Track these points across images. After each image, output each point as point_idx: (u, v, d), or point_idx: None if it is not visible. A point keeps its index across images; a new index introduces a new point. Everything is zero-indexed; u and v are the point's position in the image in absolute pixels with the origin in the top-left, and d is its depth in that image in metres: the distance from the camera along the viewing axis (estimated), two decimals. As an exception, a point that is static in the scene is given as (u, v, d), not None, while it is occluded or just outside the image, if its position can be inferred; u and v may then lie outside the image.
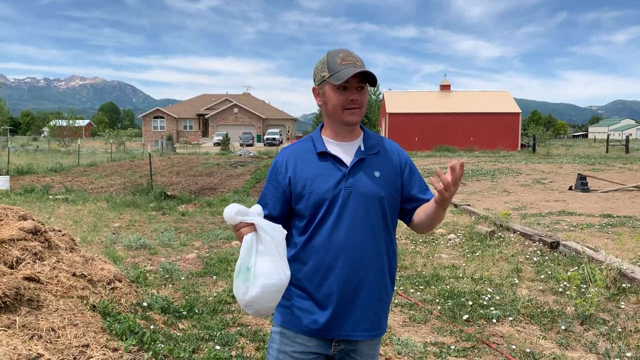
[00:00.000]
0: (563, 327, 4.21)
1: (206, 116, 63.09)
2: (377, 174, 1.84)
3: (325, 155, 1.85)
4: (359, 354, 1.89)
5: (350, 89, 1.79)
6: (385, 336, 3.93)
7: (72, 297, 3.37)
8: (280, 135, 55.29)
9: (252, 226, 1.70)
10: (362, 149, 1.87)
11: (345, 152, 1.86)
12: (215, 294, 4.95)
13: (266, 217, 1.88)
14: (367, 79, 1.79)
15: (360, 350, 1.88)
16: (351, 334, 1.83)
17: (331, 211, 1.80)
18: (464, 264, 6.30)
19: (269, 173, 1.95)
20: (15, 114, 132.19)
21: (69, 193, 12.94)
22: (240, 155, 34.73)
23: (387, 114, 48.61)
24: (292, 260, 1.86)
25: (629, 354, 3.70)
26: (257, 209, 1.75)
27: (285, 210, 1.91)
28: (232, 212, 1.68)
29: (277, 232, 1.71)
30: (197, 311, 4.43)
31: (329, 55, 1.82)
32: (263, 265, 1.67)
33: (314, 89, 1.90)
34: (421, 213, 1.88)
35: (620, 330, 4.14)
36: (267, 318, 4.38)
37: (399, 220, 1.98)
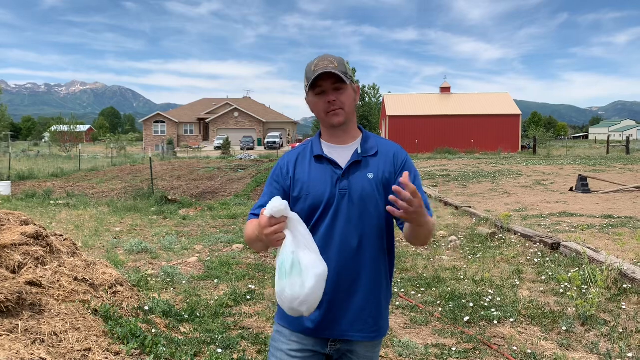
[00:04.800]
0: (564, 328, 4.21)
1: (207, 120, 63.16)
2: (370, 175, 1.84)
3: (321, 159, 1.87)
4: (356, 355, 1.89)
5: (327, 92, 1.81)
6: (386, 338, 3.94)
7: (74, 301, 3.38)
8: (281, 138, 55.33)
9: (285, 221, 1.64)
10: (359, 151, 1.87)
11: (342, 155, 1.87)
12: (216, 298, 4.96)
13: (256, 215, 1.90)
14: (339, 78, 1.78)
15: (357, 352, 1.89)
16: (345, 334, 1.84)
17: (327, 213, 1.82)
18: (465, 266, 6.30)
19: (270, 175, 1.97)
20: (17, 119, 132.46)
21: (70, 198, 12.96)
22: (241, 159, 34.77)
23: (387, 116, 48.65)
24: None
25: (630, 355, 3.70)
26: (283, 201, 1.65)
27: None
28: (283, 206, 1.60)
29: (302, 222, 1.67)
30: (198, 315, 4.43)
31: (307, 66, 1.85)
32: (308, 257, 1.63)
33: (306, 100, 1.93)
34: (407, 225, 1.80)
35: (621, 330, 4.14)
36: (267, 321, 4.40)
37: None
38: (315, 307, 1.67)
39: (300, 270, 1.61)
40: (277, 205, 1.59)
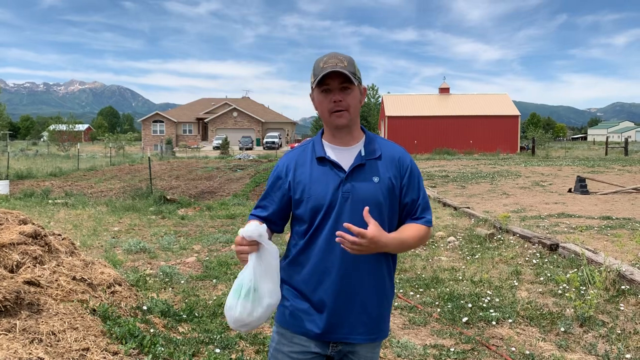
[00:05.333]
0: (562, 329, 4.21)
1: (205, 120, 63.13)
2: (375, 179, 1.81)
3: (323, 161, 1.84)
4: (357, 356, 1.89)
5: (333, 91, 1.78)
6: (385, 338, 3.94)
7: (72, 300, 3.38)
8: (280, 138, 55.33)
9: (256, 246, 1.71)
10: (363, 153, 1.84)
11: (345, 157, 1.84)
12: (215, 297, 4.95)
13: (264, 219, 1.91)
14: (347, 78, 1.76)
15: (358, 353, 1.89)
16: (347, 337, 1.84)
17: (329, 216, 1.80)
18: (463, 267, 6.31)
19: (270, 177, 1.96)
20: (15, 118, 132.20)
21: (68, 197, 12.94)
22: (240, 159, 34.75)
23: (386, 117, 48.67)
24: (291, 263, 1.88)
25: (628, 356, 3.70)
26: (262, 228, 1.73)
27: (282, 214, 1.93)
28: (256, 233, 1.68)
29: (276, 253, 1.75)
30: (197, 314, 4.43)
31: (315, 62, 1.82)
32: (266, 285, 1.72)
33: (310, 96, 1.91)
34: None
35: (619, 332, 4.14)
36: (267, 321, 4.39)
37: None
38: (253, 329, 1.80)
39: (253, 298, 1.70)
40: (251, 230, 1.68)
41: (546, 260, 6.40)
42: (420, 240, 1.86)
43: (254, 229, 1.68)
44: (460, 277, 5.81)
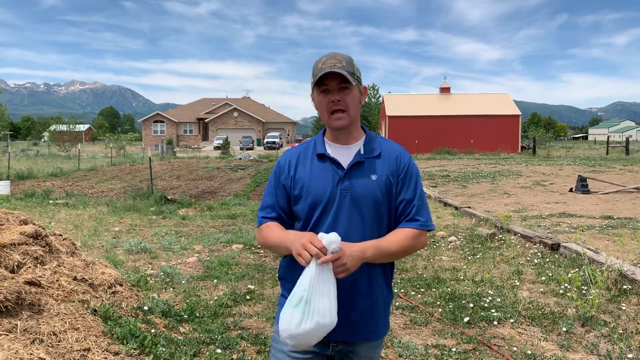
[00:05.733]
0: (564, 329, 4.20)
1: (206, 120, 63.14)
2: (374, 177, 1.82)
3: (323, 158, 1.85)
4: (357, 355, 1.89)
5: (332, 91, 1.78)
6: (386, 339, 3.93)
7: (73, 301, 3.37)
8: (280, 138, 55.33)
9: (321, 254, 1.62)
10: (362, 152, 1.85)
11: (344, 155, 1.85)
12: (216, 298, 4.95)
13: (276, 219, 1.90)
14: (345, 78, 1.76)
15: (358, 352, 1.88)
16: (346, 337, 1.83)
17: (327, 214, 1.80)
18: (464, 267, 6.30)
19: (272, 174, 1.95)
20: (16, 119, 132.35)
21: (69, 197, 12.94)
22: (241, 159, 34.75)
23: (387, 116, 48.67)
24: (291, 261, 1.87)
25: (630, 356, 3.69)
26: (337, 241, 1.65)
27: (285, 211, 1.92)
28: (337, 244, 1.62)
29: (332, 271, 1.66)
30: (198, 315, 4.42)
31: (315, 62, 1.82)
32: (321, 302, 1.62)
33: (311, 97, 1.91)
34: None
35: (621, 331, 4.14)
36: (267, 321, 4.39)
37: None
38: (303, 347, 1.68)
39: (304, 310, 1.61)
40: (333, 239, 1.62)
41: (547, 260, 6.39)
42: (408, 245, 1.82)
43: (338, 238, 1.62)
44: (462, 277, 5.80)
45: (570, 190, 14.60)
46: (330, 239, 1.61)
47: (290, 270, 1.89)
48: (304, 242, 1.63)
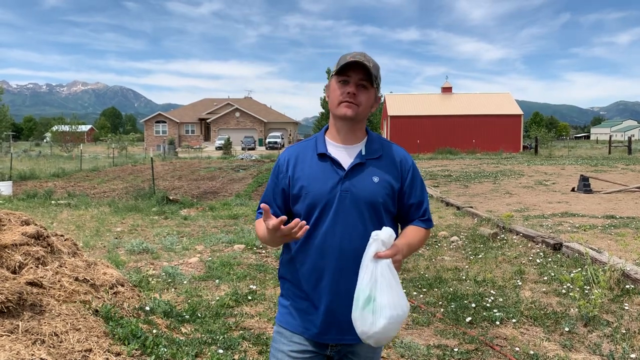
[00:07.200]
0: (567, 329, 4.19)
1: (208, 120, 63.18)
2: (375, 179, 1.81)
3: (324, 157, 1.84)
4: (357, 355, 1.88)
5: (351, 84, 1.78)
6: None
7: (75, 301, 3.37)
8: (282, 138, 55.33)
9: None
10: (363, 152, 1.84)
11: (346, 155, 1.84)
12: (217, 298, 4.95)
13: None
14: (369, 76, 1.77)
15: (358, 352, 1.88)
16: (343, 339, 1.83)
17: (326, 214, 1.79)
18: (466, 266, 6.29)
19: (272, 172, 1.95)
20: (18, 119, 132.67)
21: (71, 198, 12.96)
22: (242, 159, 34.76)
23: (388, 116, 48.63)
24: (291, 260, 1.87)
25: (633, 356, 3.68)
26: (393, 235, 1.67)
27: (281, 209, 1.91)
28: (393, 239, 1.65)
29: (388, 264, 1.67)
30: (199, 315, 4.42)
31: (343, 54, 1.82)
32: (387, 296, 1.62)
33: (325, 87, 1.92)
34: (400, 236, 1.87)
35: (624, 331, 4.12)
36: (269, 321, 4.39)
37: None
38: (384, 342, 1.68)
39: (373, 308, 1.61)
40: (389, 234, 1.64)
41: (550, 259, 6.38)
42: (423, 242, 1.92)
43: (393, 234, 1.64)
44: (464, 277, 5.79)
45: (573, 189, 14.56)
46: (388, 233, 1.64)
47: (290, 269, 1.89)
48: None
